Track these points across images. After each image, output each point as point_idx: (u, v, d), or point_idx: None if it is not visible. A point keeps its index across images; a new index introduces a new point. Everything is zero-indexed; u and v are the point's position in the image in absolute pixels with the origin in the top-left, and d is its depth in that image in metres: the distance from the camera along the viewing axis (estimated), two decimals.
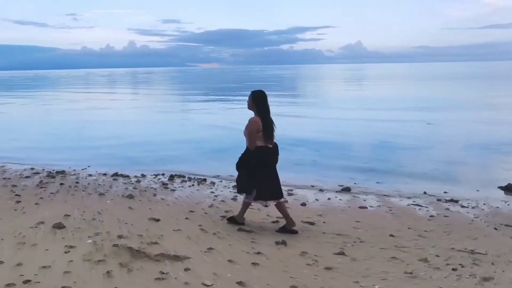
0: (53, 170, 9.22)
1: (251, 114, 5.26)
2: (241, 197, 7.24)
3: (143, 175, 8.89)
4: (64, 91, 49.25)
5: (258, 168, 5.11)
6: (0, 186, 7.64)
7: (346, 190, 7.99)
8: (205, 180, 8.51)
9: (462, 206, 6.93)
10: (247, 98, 5.34)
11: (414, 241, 5.06)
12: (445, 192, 7.78)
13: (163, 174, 9.00)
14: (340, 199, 7.33)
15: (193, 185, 8.14)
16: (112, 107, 27.46)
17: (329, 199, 7.34)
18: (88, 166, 9.79)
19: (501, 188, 8.04)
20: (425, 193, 7.76)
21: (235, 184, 5.76)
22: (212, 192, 7.58)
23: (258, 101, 5.19)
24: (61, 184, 7.86)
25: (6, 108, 27.82)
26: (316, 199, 7.31)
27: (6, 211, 5.82)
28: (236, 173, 5.46)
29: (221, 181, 8.48)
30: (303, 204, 6.92)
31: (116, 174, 8.88)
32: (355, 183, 8.44)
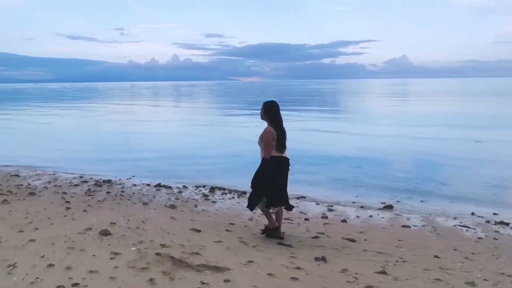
0: (100, 179, 9.62)
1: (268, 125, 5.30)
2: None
3: (184, 187, 9.10)
4: (110, 103, 51.28)
5: (271, 176, 5.21)
6: (52, 193, 8.05)
7: (389, 208, 7.80)
8: (244, 193, 8.57)
9: None
10: (286, 111, 5.41)
11: (460, 263, 4.86)
12: (494, 214, 7.44)
13: (204, 186, 9.16)
14: (382, 217, 7.17)
15: (233, 197, 8.23)
16: (155, 119, 28.29)
17: (370, 216, 7.20)
18: (133, 176, 10.13)
19: None
20: (472, 214, 7.45)
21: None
22: None
23: (270, 112, 5.33)
24: (108, 192, 8.17)
25: (58, 118, 29.33)
26: (357, 216, 7.19)
27: (57, 217, 6.12)
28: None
29: None
30: (344, 221, 6.82)
31: (159, 185, 9.13)
32: (397, 201, 8.24)
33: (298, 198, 8.39)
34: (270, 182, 5.23)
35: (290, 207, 5.57)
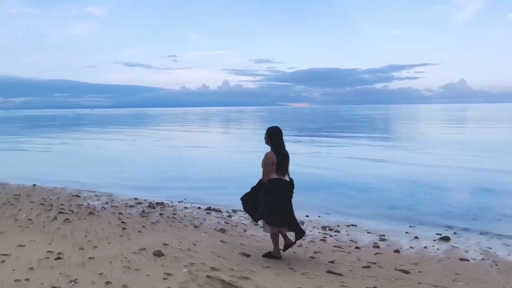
0: (153, 201, 9.97)
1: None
2: (330, 238, 7.16)
3: (234, 211, 9.21)
4: (163, 128, 53.18)
5: (270, 197, 5.36)
6: (109, 213, 8.44)
7: (445, 239, 7.45)
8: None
9: None
10: (335, 139, 5.45)
11: None
12: None
13: None
14: (437, 249, 6.86)
15: None
16: (205, 145, 28.97)
17: (425, 247, 6.92)
18: (184, 199, 10.41)
19: None
20: None
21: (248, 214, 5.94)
22: None
23: (273, 137, 5.55)
24: (160, 214, 8.45)
25: (113, 143, 30.82)
26: (410, 247, 6.93)
27: (114, 236, 6.40)
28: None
29: (310, 221, 8.46)
30: (397, 251, 6.60)
31: (209, 208, 9.32)
32: (454, 233, 7.86)
33: (348, 226, 8.24)
34: (267, 203, 5.39)
35: (298, 234, 5.52)
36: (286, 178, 5.54)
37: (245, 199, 5.73)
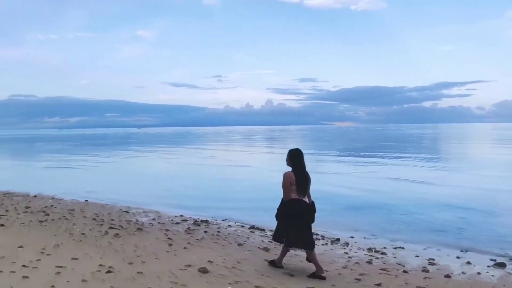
0: (198, 218, 10.16)
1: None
2: (376, 261, 6.99)
3: None
4: (206, 147, 54.09)
5: (290, 218, 5.58)
6: (157, 229, 8.69)
7: (500, 265, 7.05)
8: (338, 239, 8.43)
9: None
10: (380, 159, 5.42)
11: None
12: None
13: None
14: (492, 275, 6.51)
15: (326, 243, 8.13)
16: (247, 163, 29.15)
17: (478, 273, 6.58)
18: (227, 218, 10.52)
19: None
20: None
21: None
22: (345, 253, 7.46)
23: (294, 158, 5.73)
24: (205, 232, 8.60)
25: (160, 161, 31.70)
26: (462, 272, 6.62)
27: (161, 252, 6.59)
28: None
29: (355, 242, 8.29)
30: (447, 276, 6.33)
31: (252, 227, 9.37)
32: (510, 259, 7.42)
33: (395, 248, 8.00)
34: (286, 223, 5.63)
35: (310, 248, 5.71)
36: (306, 199, 5.68)
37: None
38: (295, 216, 5.60)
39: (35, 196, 13.29)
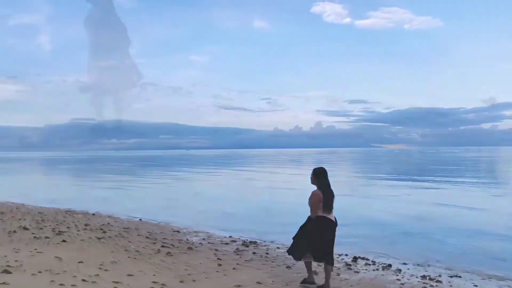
0: (247, 240, 10.26)
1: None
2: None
3: None
4: (254, 169, 54.48)
5: (315, 233, 5.84)
6: (207, 249, 8.89)
7: None
8: (390, 265, 8.19)
9: None
10: (432, 183, 5.33)
11: None
12: None
13: (346, 255, 9.02)
14: None
15: (377, 269, 7.92)
16: (293, 186, 29.01)
17: None
18: (275, 240, 10.52)
19: None
20: None
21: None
22: (398, 279, 7.23)
23: (319, 177, 5.99)
24: (254, 253, 8.67)
25: (209, 183, 32.34)
26: None
27: (211, 271, 6.75)
28: None
29: (408, 269, 8.02)
30: None
31: None
32: None
33: (451, 277, 7.65)
34: (313, 238, 5.85)
35: (330, 262, 6.01)
36: (332, 216, 5.95)
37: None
38: (321, 232, 5.88)
39: (93, 214, 14.03)
